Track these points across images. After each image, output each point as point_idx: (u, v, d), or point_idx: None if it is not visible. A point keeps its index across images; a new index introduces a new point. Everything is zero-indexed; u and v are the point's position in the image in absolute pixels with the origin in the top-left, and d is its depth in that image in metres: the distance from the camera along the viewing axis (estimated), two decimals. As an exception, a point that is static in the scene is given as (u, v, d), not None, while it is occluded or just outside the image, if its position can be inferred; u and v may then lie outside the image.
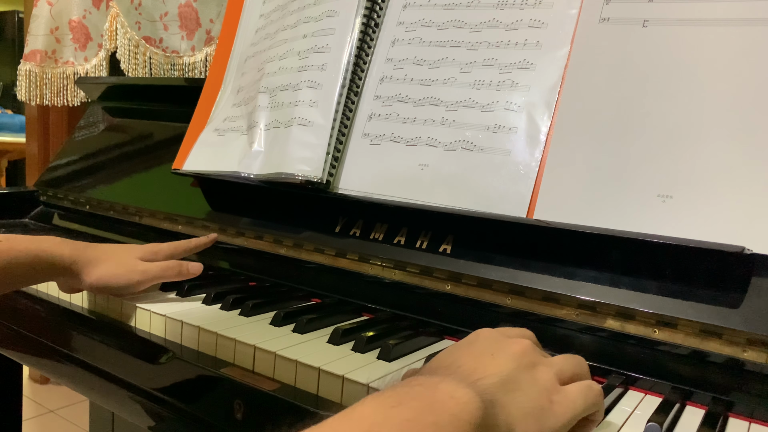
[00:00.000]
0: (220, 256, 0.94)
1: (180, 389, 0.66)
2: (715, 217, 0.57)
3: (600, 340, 0.62)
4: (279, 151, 0.83)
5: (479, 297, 0.68)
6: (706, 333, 0.56)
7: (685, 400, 0.56)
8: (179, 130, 1.04)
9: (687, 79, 0.62)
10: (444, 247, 0.71)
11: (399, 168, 0.75)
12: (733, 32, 0.61)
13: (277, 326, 0.69)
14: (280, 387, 0.59)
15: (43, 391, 2.29)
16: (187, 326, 0.69)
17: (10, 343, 0.91)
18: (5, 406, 1.21)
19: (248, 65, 0.97)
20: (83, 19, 1.82)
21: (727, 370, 0.56)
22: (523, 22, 0.72)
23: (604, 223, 0.61)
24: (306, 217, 0.84)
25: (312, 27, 0.87)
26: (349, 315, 0.74)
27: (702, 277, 0.57)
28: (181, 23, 1.60)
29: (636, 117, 0.63)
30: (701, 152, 0.59)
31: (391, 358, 0.61)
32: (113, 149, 1.25)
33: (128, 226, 1.08)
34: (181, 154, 0.98)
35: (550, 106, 0.68)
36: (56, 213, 1.24)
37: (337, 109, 0.80)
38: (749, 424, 0.53)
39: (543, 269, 0.65)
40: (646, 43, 0.65)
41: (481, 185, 0.69)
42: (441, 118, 0.74)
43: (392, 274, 0.75)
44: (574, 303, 0.63)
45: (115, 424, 1.40)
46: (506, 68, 0.72)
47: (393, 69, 0.80)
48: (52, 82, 1.86)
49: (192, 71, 1.61)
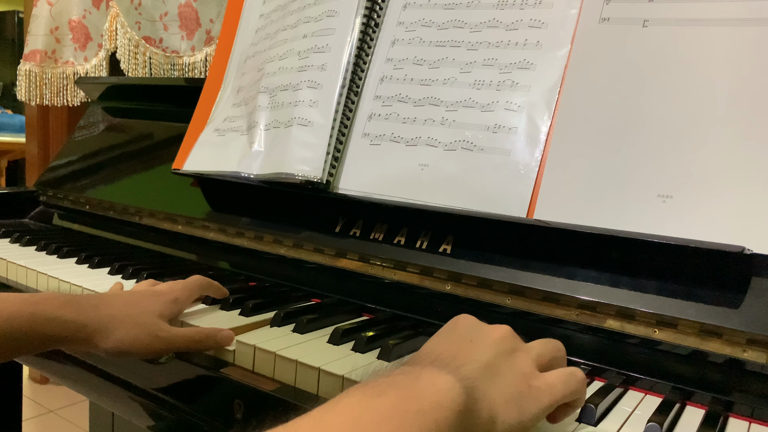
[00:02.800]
0: (220, 256, 0.95)
1: (180, 389, 0.66)
2: (715, 217, 0.57)
3: (600, 340, 0.62)
4: (279, 151, 0.82)
5: (479, 297, 0.68)
6: (706, 333, 0.56)
7: (685, 400, 0.56)
8: (179, 130, 1.04)
9: (687, 79, 0.62)
10: (444, 247, 0.71)
11: (399, 168, 0.75)
12: (733, 32, 0.61)
13: (277, 326, 0.69)
14: (280, 387, 0.59)
15: (43, 391, 2.28)
16: (187, 326, 0.69)
17: (10, 343, 0.91)
18: (5, 406, 1.21)
19: (248, 65, 0.97)
20: (83, 19, 1.82)
21: (727, 370, 0.56)
22: (523, 22, 0.72)
23: (604, 223, 0.61)
24: (306, 217, 0.84)
25: (312, 27, 0.87)
26: (349, 315, 0.74)
27: (702, 277, 0.57)
28: (181, 23, 1.60)
29: (636, 117, 0.63)
30: (701, 152, 0.59)
31: (391, 358, 0.61)
32: (113, 149, 1.25)
33: (128, 226, 1.08)
34: (181, 154, 0.98)
35: (550, 106, 0.68)
36: (56, 213, 1.24)
37: (337, 109, 0.80)
38: (749, 424, 0.53)
39: (543, 269, 0.65)
40: (646, 43, 0.65)
41: (481, 185, 0.69)
42: (441, 118, 0.74)
43: (392, 274, 0.75)
44: (574, 303, 0.62)
45: (115, 424, 1.40)
46: (506, 68, 0.72)
47: (393, 69, 0.80)
48: (52, 82, 1.86)
49: (192, 71, 1.61)
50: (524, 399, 0.43)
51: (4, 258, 0.94)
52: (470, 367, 0.42)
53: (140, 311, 0.64)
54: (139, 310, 0.64)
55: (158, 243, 1.04)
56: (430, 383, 0.38)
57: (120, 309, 0.64)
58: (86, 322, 0.61)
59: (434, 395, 0.37)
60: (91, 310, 0.62)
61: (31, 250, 1.01)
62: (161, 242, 1.03)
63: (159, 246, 1.03)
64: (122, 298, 0.67)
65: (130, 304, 0.65)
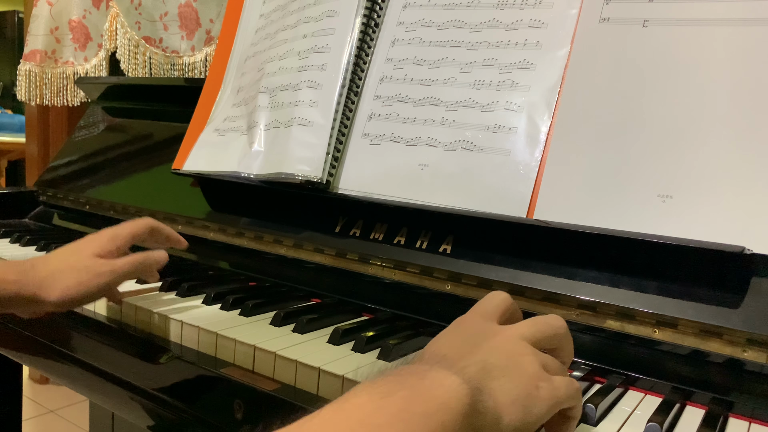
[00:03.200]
0: (220, 256, 0.95)
1: (180, 389, 0.66)
2: (715, 217, 0.57)
3: (600, 340, 0.62)
4: (279, 151, 0.83)
5: (479, 297, 0.67)
6: (706, 333, 0.56)
7: (685, 400, 0.56)
8: (179, 130, 1.04)
9: (687, 79, 0.62)
10: (444, 247, 0.71)
11: (399, 168, 0.75)
12: (733, 32, 0.61)
13: (277, 326, 0.69)
14: (280, 387, 0.59)
15: (43, 391, 2.28)
16: (187, 326, 0.69)
17: (10, 343, 0.91)
18: (5, 406, 1.21)
19: (248, 65, 0.97)
20: (83, 19, 1.82)
21: (727, 370, 0.56)
22: (523, 22, 0.72)
23: (604, 223, 0.61)
24: (306, 217, 0.84)
25: (312, 27, 0.87)
26: (349, 315, 0.74)
27: (702, 277, 0.57)
28: (181, 23, 1.60)
29: (636, 117, 0.63)
30: (701, 152, 0.59)
31: (391, 358, 0.61)
32: (113, 149, 1.25)
33: (128, 226, 1.08)
34: (181, 154, 0.98)
35: (550, 106, 0.68)
36: (56, 213, 1.24)
37: (337, 109, 0.80)
38: (749, 424, 0.53)
39: (543, 269, 0.65)
40: (646, 43, 0.65)
41: (481, 185, 0.69)
42: (441, 118, 0.74)
43: (392, 274, 0.75)
44: (575, 303, 0.63)
45: (115, 424, 1.40)
46: (506, 68, 0.72)
47: (393, 69, 0.80)
48: (52, 82, 1.86)
49: (192, 71, 1.61)
50: (530, 400, 0.42)
51: (4, 258, 0.94)
52: (476, 367, 0.42)
53: (78, 257, 0.67)
54: (77, 257, 0.67)
55: (158, 243, 1.03)
56: (437, 384, 0.38)
57: (59, 261, 0.67)
58: (27, 280, 0.64)
59: (441, 396, 0.37)
60: (30, 269, 0.66)
61: (31, 250, 1.01)
62: (161, 242, 1.03)
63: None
64: (60, 251, 0.69)
65: (68, 254, 0.68)
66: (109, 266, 0.67)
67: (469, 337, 0.47)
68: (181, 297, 0.79)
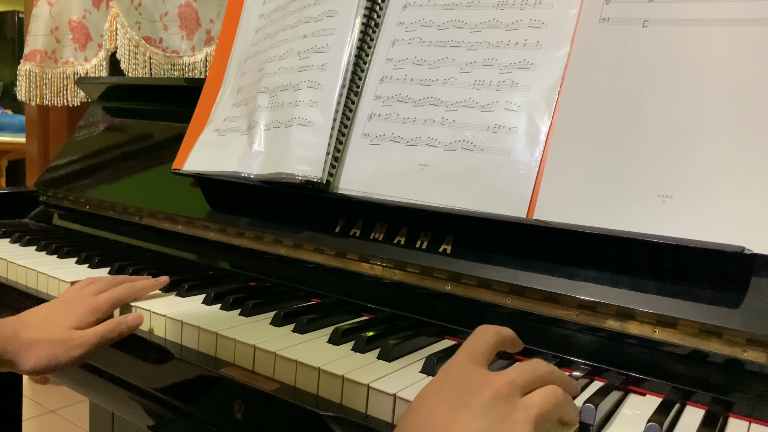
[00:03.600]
0: (220, 256, 0.95)
1: (180, 389, 0.66)
2: (715, 217, 0.57)
3: (600, 340, 0.62)
4: (279, 151, 0.83)
5: (479, 297, 0.68)
6: (706, 333, 0.56)
7: (685, 400, 0.56)
8: (179, 130, 1.05)
9: (687, 79, 0.62)
10: (444, 247, 0.71)
11: (399, 168, 0.75)
12: (733, 32, 0.61)
13: (277, 326, 0.69)
14: (280, 387, 0.59)
15: (43, 391, 2.28)
16: (187, 326, 0.69)
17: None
18: (5, 406, 1.21)
19: (248, 65, 0.97)
20: (83, 19, 1.82)
21: (727, 370, 0.56)
22: (523, 22, 0.72)
23: (604, 223, 0.61)
24: (306, 217, 0.84)
25: (312, 27, 0.87)
26: (349, 315, 0.74)
27: (702, 277, 0.57)
28: (181, 23, 1.60)
29: (636, 117, 0.63)
30: (701, 152, 0.59)
31: (391, 358, 0.61)
32: (113, 149, 1.25)
33: (128, 226, 1.08)
34: (181, 154, 0.98)
35: (550, 106, 0.68)
36: (56, 213, 1.24)
37: (337, 109, 0.80)
38: (749, 424, 0.53)
39: (543, 269, 0.65)
40: (646, 43, 0.65)
41: (481, 185, 0.69)
42: (441, 118, 0.74)
43: (392, 274, 0.75)
44: (574, 303, 0.63)
45: (115, 424, 1.40)
46: (506, 68, 0.72)
47: (393, 69, 0.80)
48: (52, 82, 1.86)
49: (192, 71, 1.61)
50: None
51: (5, 258, 0.94)
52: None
53: (56, 327, 0.69)
54: (55, 326, 0.69)
55: (158, 243, 1.04)
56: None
57: (36, 330, 0.68)
58: (5, 348, 0.67)
59: None
60: (11, 336, 0.67)
61: (31, 250, 1.01)
62: (161, 242, 1.03)
63: (159, 246, 1.03)
64: (39, 317, 0.71)
65: (47, 321, 0.70)
66: (79, 338, 0.69)
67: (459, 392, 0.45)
68: (182, 297, 0.79)
